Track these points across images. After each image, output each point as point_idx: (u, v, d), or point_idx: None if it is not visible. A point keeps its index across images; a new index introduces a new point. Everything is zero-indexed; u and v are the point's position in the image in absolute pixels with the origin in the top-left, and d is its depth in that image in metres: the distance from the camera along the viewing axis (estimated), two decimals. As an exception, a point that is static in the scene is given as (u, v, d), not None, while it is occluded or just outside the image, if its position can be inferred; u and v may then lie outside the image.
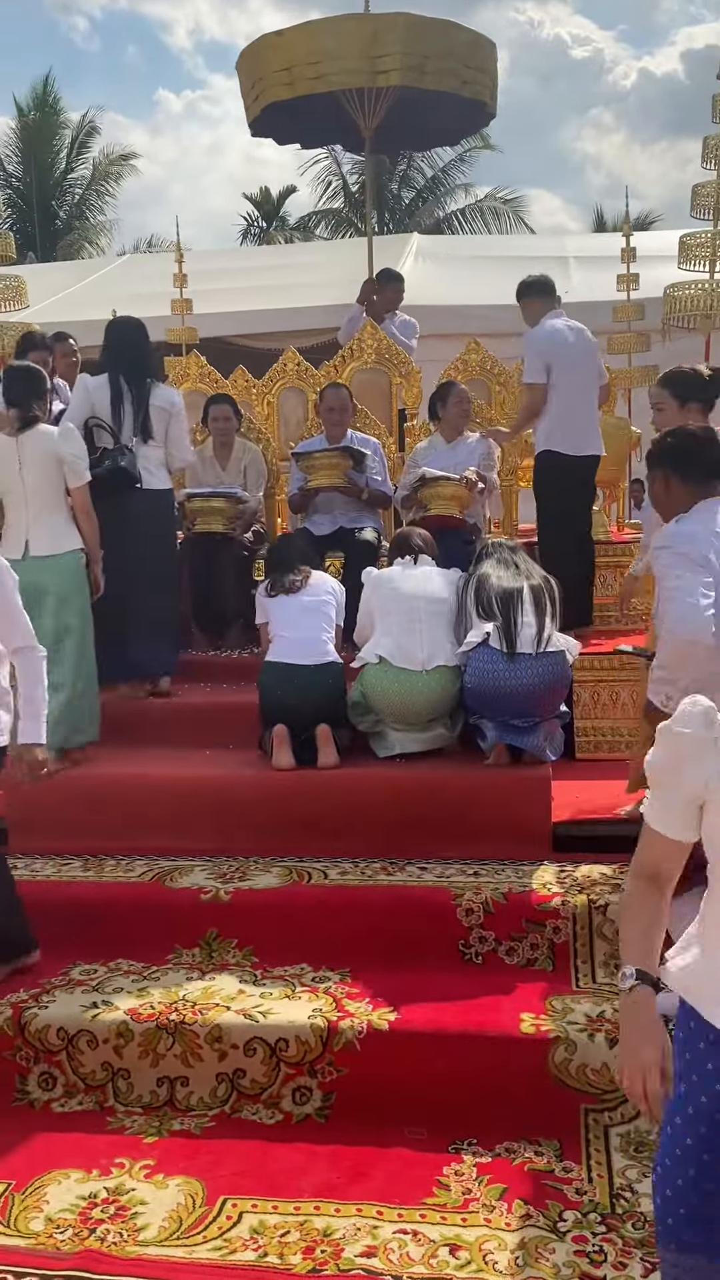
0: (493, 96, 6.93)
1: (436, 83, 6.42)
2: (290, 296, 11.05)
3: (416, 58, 6.32)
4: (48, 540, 4.54)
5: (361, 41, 6.30)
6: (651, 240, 11.38)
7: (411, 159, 21.46)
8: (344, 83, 6.49)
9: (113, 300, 9.96)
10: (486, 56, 6.81)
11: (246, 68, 7.02)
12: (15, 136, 22.18)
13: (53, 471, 4.53)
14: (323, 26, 6.57)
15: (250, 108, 7.06)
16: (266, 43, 6.78)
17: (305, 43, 6.49)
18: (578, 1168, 2.86)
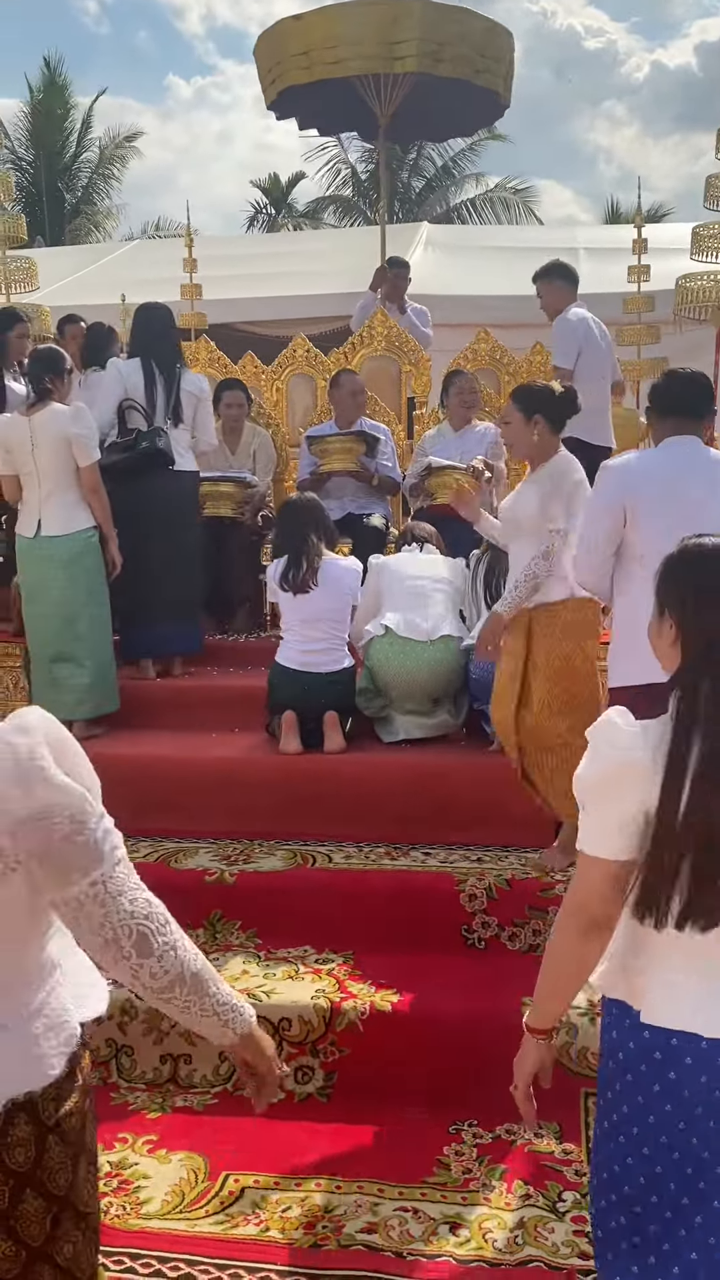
0: (507, 86, 6.92)
1: (452, 70, 6.42)
2: (299, 284, 11.03)
3: (432, 44, 6.31)
4: (60, 519, 4.61)
5: (379, 27, 6.30)
6: (663, 232, 11.32)
7: (421, 148, 21.39)
8: (361, 68, 6.49)
9: (122, 284, 9.96)
10: (503, 46, 6.79)
11: (265, 51, 7.02)
12: (25, 119, 22.14)
13: (64, 451, 4.56)
14: (341, 11, 6.57)
15: (268, 90, 7.06)
16: (285, 27, 6.77)
17: (323, 27, 6.49)
18: (577, 1149, 2.88)
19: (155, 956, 1.46)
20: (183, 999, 1.51)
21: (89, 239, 21.96)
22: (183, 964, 1.50)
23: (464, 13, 6.54)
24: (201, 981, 1.52)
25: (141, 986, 1.48)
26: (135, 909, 1.45)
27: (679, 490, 3.19)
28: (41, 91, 22.33)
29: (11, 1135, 1.46)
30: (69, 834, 1.40)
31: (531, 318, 7.92)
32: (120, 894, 1.44)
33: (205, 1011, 1.54)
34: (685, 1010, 1.65)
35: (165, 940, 1.48)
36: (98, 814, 1.44)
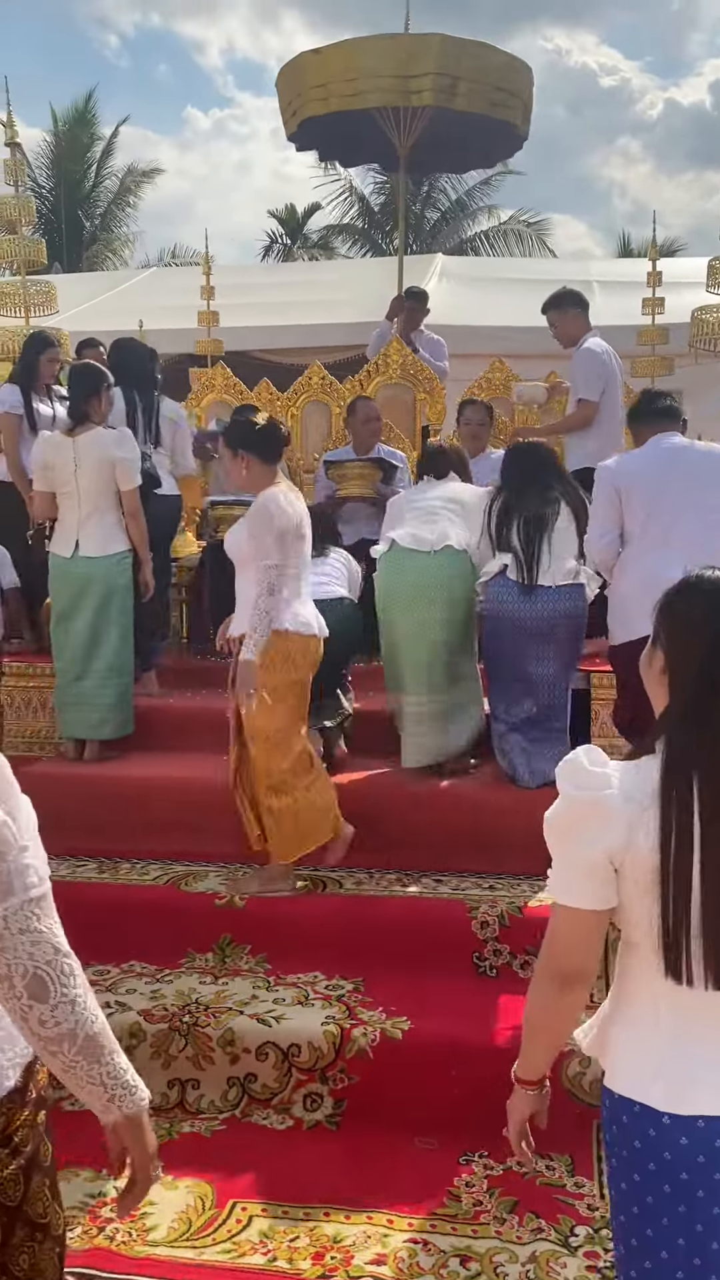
0: (526, 120, 6.99)
1: (469, 104, 6.49)
2: (315, 313, 11.12)
3: (449, 78, 6.39)
4: (97, 541, 4.67)
5: (397, 60, 6.38)
6: (676, 266, 11.39)
7: (435, 180, 21.59)
8: (379, 100, 6.57)
9: (140, 311, 10.05)
10: (521, 80, 6.87)
11: (285, 83, 7.12)
12: (48, 148, 22.43)
13: (106, 473, 4.63)
14: (360, 45, 6.66)
15: (288, 122, 7.15)
16: (305, 59, 6.87)
17: (343, 60, 6.58)
18: (590, 1183, 2.85)
19: (49, 1005, 1.40)
20: (69, 1057, 1.43)
21: (106, 266, 22.17)
22: (77, 1021, 1.42)
23: (482, 47, 6.62)
24: (96, 1046, 1.45)
25: (29, 1031, 1.42)
26: (37, 951, 1.39)
27: (661, 481, 3.87)
28: (68, 122, 22.64)
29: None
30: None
31: (545, 348, 7.95)
32: (24, 932, 1.38)
33: (92, 1079, 1.46)
34: (646, 1078, 1.58)
35: (64, 992, 1.41)
36: (18, 846, 1.39)
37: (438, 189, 22.63)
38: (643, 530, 3.90)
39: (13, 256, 6.50)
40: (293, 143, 7.44)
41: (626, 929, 1.61)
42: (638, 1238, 1.59)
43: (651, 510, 3.88)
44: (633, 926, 1.59)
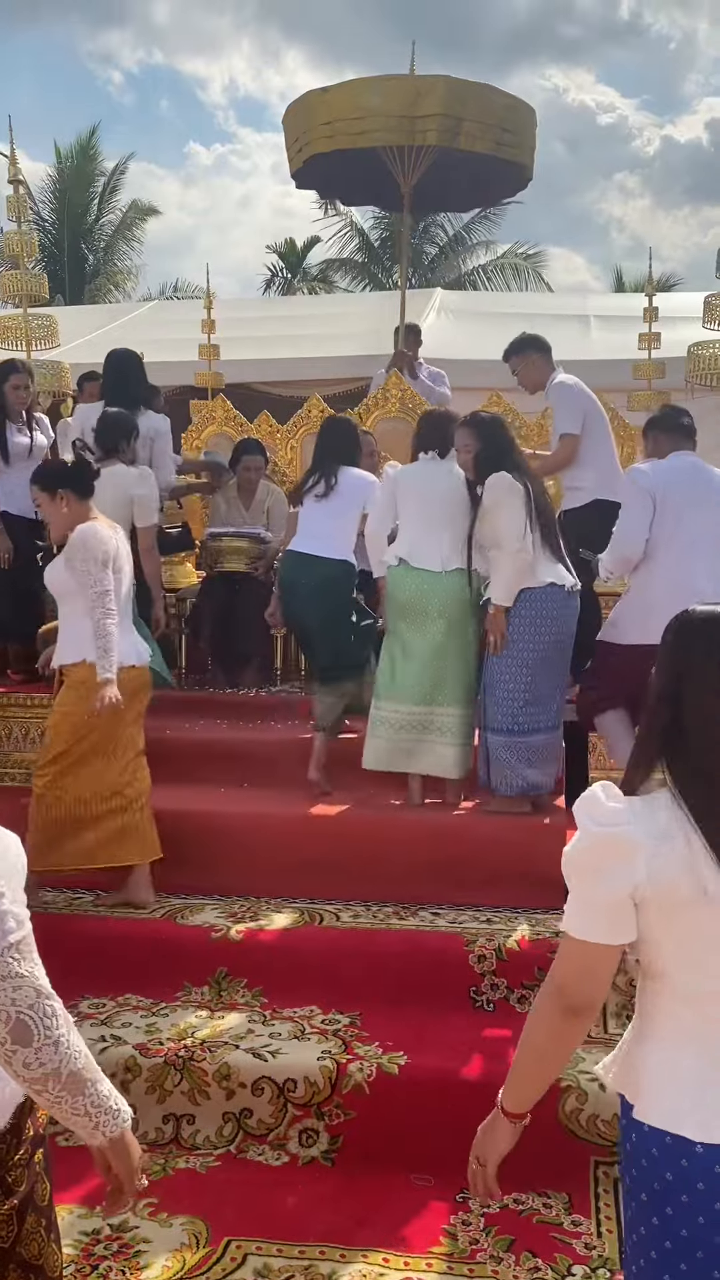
0: (530, 160, 7.09)
1: (472, 144, 6.59)
2: (315, 346, 11.21)
3: (454, 119, 6.49)
4: None
5: (403, 101, 6.49)
6: (672, 301, 11.49)
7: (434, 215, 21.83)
8: (384, 140, 6.67)
9: (142, 344, 10.08)
10: (525, 121, 6.97)
11: (292, 121, 7.22)
12: (51, 182, 22.69)
13: (124, 509, 4.78)
14: (367, 85, 6.78)
15: (293, 159, 7.25)
16: (313, 98, 6.98)
17: (349, 99, 6.69)
18: (587, 1221, 2.83)
19: (32, 1048, 1.41)
20: (54, 1094, 1.46)
21: (108, 299, 22.35)
22: (60, 1060, 1.44)
23: (486, 89, 6.72)
24: (79, 1081, 1.47)
25: (13, 1073, 1.43)
26: (19, 996, 1.40)
27: (691, 492, 4.19)
28: (72, 157, 22.91)
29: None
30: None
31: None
32: (5, 978, 1.39)
33: (76, 1110, 1.49)
34: (681, 1108, 1.55)
35: (47, 1035, 1.43)
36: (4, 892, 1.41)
37: (436, 224, 22.86)
38: (671, 537, 4.13)
39: (15, 290, 6.55)
40: (295, 180, 7.53)
41: (649, 959, 1.59)
42: (670, 1273, 1.56)
43: (681, 519, 4.13)
44: (656, 955, 1.57)
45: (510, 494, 4.17)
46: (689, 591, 4.16)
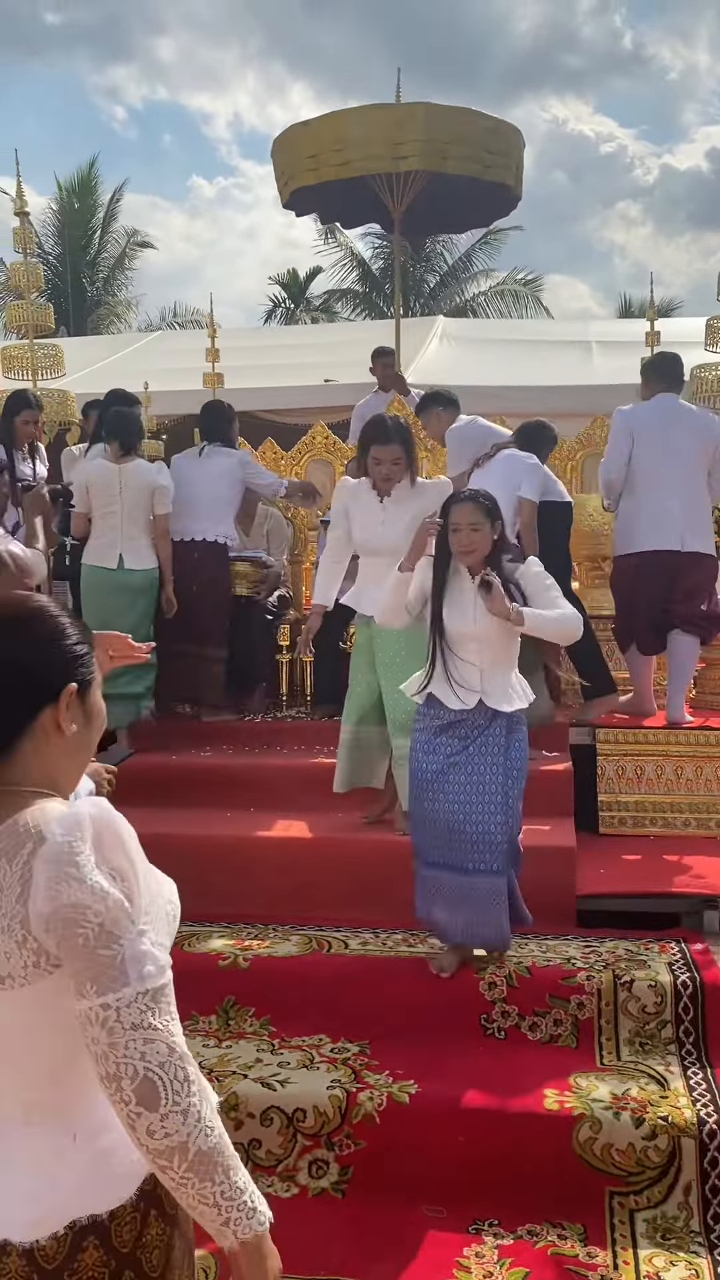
0: (517, 180, 7.15)
1: (458, 167, 6.66)
2: (318, 374, 11.27)
3: (437, 144, 6.56)
4: (139, 556, 5.46)
5: (384, 129, 6.56)
6: (675, 326, 11.55)
7: (434, 243, 22.00)
8: (367, 168, 6.75)
9: (145, 373, 10.18)
10: (510, 142, 7.03)
11: (278, 154, 7.32)
12: (54, 215, 22.94)
13: (146, 498, 5.42)
14: (347, 116, 6.86)
15: (282, 190, 7.34)
16: (295, 132, 7.07)
17: (331, 131, 6.77)
18: (602, 1253, 2.77)
19: (158, 1114, 1.25)
20: (180, 1174, 1.27)
21: (110, 328, 22.54)
22: (189, 1133, 1.26)
23: (468, 113, 6.79)
24: (209, 1163, 1.28)
25: (136, 1139, 1.28)
26: (150, 1050, 1.26)
27: (666, 430, 5.12)
28: (74, 191, 23.17)
29: (79, 1263, 1.31)
30: (93, 944, 1.26)
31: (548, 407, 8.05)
32: (136, 1028, 1.25)
33: (205, 1199, 1.28)
34: None
35: (176, 1100, 1.26)
36: (136, 930, 1.28)
37: (436, 253, 23.04)
38: (648, 467, 5.10)
39: (21, 321, 6.60)
40: (290, 209, 7.62)
41: None
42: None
43: (657, 451, 5.09)
44: None
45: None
46: (661, 511, 5.16)
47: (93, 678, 1.45)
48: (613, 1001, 3.50)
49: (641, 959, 3.67)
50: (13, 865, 1.29)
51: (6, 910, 1.27)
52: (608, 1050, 3.42)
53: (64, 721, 1.39)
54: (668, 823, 4.85)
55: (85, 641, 1.45)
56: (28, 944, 1.27)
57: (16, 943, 1.27)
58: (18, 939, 1.27)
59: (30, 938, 1.27)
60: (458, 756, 3.50)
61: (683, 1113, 3.03)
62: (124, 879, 1.29)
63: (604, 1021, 3.48)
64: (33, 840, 1.29)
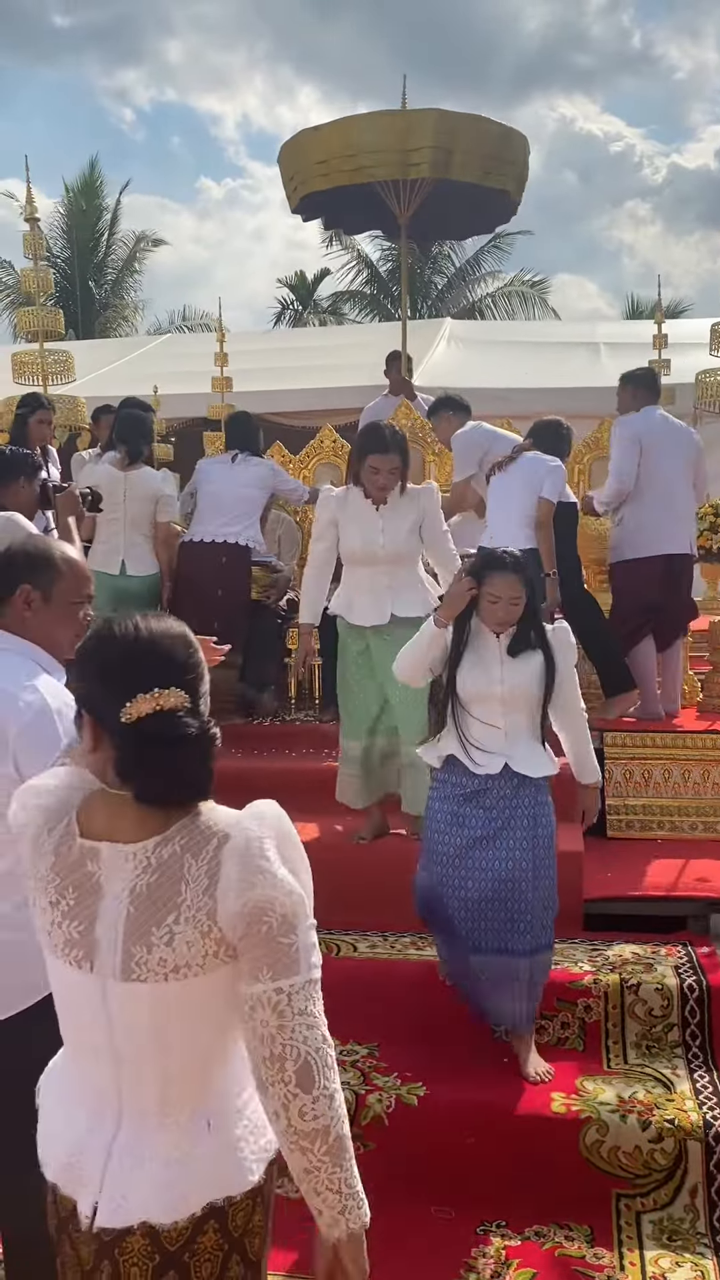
0: (519, 187, 7.17)
1: (468, 174, 6.67)
2: (326, 377, 11.30)
3: (446, 151, 6.57)
4: (141, 561, 5.54)
5: (394, 136, 6.57)
6: (683, 327, 11.58)
7: (442, 245, 22.01)
8: (377, 175, 6.76)
9: (154, 377, 10.24)
10: (516, 149, 7.04)
11: (286, 160, 7.33)
12: (61, 219, 23.01)
13: (148, 508, 5.48)
14: (359, 122, 6.87)
15: (291, 196, 7.36)
16: (306, 137, 7.08)
17: (341, 137, 6.78)
18: (609, 1254, 2.80)
19: (311, 1096, 1.36)
20: (318, 1156, 1.37)
21: (118, 331, 22.61)
22: (332, 1119, 1.38)
23: (477, 119, 6.80)
24: (343, 1149, 1.39)
25: (285, 1122, 1.37)
26: (311, 1036, 1.37)
27: (666, 440, 5.36)
28: (80, 194, 23.23)
29: (198, 1245, 1.41)
30: (276, 933, 1.36)
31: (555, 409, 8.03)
32: (302, 1014, 1.37)
33: (332, 1185, 1.38)
34: None
35: (326, 1084, 1.38)
36: (309, 922, 1.40)
37: (444, 255, 23.06)
38: (653, 473, 5.29)
39: (32, 326, 6.65)
40: (297, 214, 7.65)
41: None
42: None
43: (664, 461, 5.31)
44: None
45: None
46: (675, 517, 5.42)
47: (206, 689, 1.52)
48: (619, 1005, 3.52)
49: (648, 962, 3.69)
50: (199, 860, 1.39)
51: (193, 902, 1.37)
52: (615, 1053, 3.45)
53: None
54: (675, 826, 4.87)
55: (197, 651, 1.52)
56: (211, 934, 1.37)
57: (201, 933, 1.37)
58: (203, 929, 1.37)
59: (215, 928, 1.37)
60: (481, 831, 3.24)
61: (689, 1116, 3.05)
62: (298, 873, 1.41)
63: (611, 1025, 3.50)
64: (217, 837, 1.40)
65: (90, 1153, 1.45)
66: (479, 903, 3.22)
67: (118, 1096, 1.46)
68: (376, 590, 4.22)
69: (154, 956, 1.38)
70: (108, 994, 1.42)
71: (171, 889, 1.38)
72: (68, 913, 1.43)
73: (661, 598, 5.39)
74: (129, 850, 1.42)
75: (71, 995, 1.48)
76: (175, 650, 1.47)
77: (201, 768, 1.45)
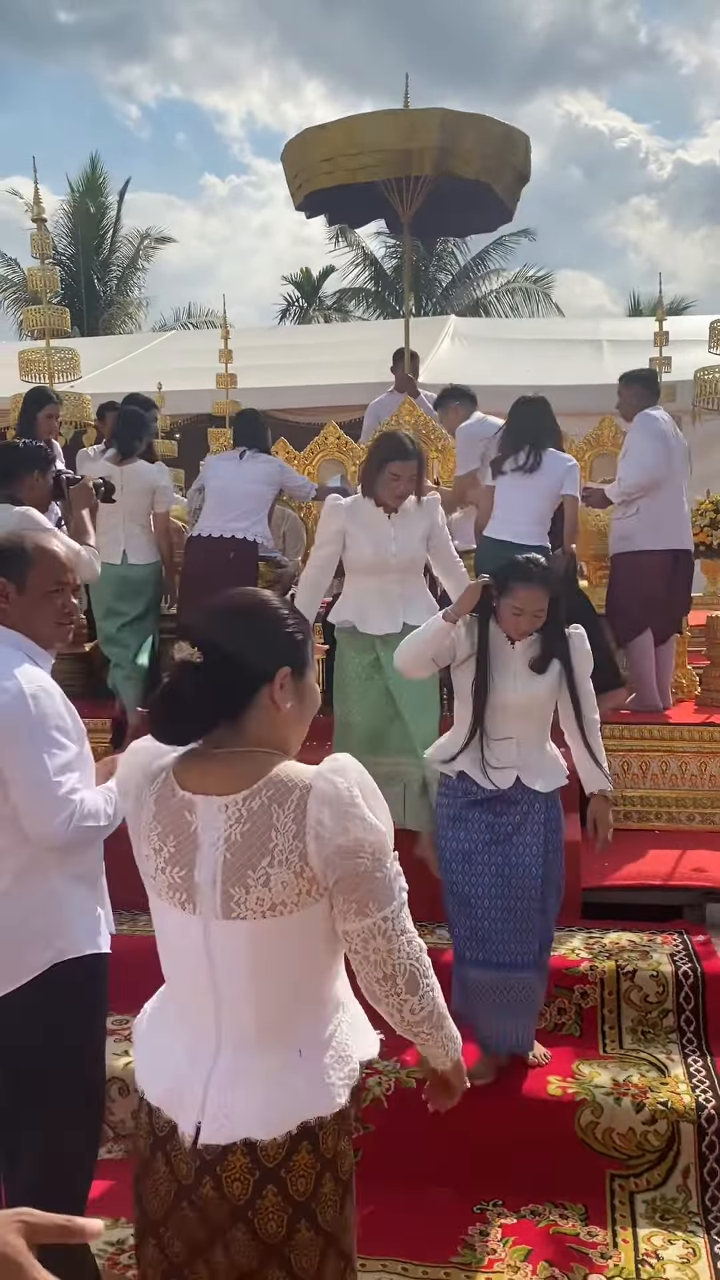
0: (522, 185, 7.24)
1: (471, 173, 6.72)
2: (330, 374, 11.37)
3: (449, 150, 6.62)
4: (141, 551, 5.68)
5: (399, 135, 6.62)
6: (687, 324, 11.62)
7: (447, 243, 22.05)
8: (381, 173, 6.82)
9: (159, 374, 10.32)
10: (518, 149, 7.10)
11: (291, 157, 7.38)
12: (66, 216, 23.08)
13: (145, 500, 5.63)
14: (363, 121, 6.92)
15: (295, 193, 7.41)
16: (311, 135, 7.13)
17: (346, 135, 6.83)
18: (603, 1232, 2.87)
19: (418, 995, 1.60)
20: (427, 1032, 1.66)
21: (122, 329, 22.69)
22: (434, 1003, 1.64)
23: (480, 119, 6.85)
24: (442, 1018, 1.67)
25: (400, 1020, 1.62)
26: (411, 949, 1.59)
27: (677, 437, 5.58)
28: (83, 191, 23.29)
29: (293, 1163, 1.56)
30: (371, 869, 1.54)
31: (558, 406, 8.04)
32: (403, 933, 1.58)
33: (438, 1042, 1.70)
34: None
35: (427, 982, 1.62)
36: (393, 855, 1.59)
37: (449, 252, 23.09)
38: (674, 470, 5.48)
39: (38, 325, 6.72)
40: (301, 211, 7.71)
41: None
42: None
43: (676, 457, 5.50)
44: None
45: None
46: (685, 512, 5.63)
47: (307, 665, 1.68)
48: (615, 991, 3.59)
49: (644, 950, 3.75)
50: (284, 809, 1.54)
51: (284, 846, 1.53)
52: (610, 1038, 3.51)
53: (279, 698, 1.62)
54: (672, 817, 4.93)
55: (302, 630, 1.68)
56: (304, 874, 1.53)
57: (294, 873, 1.53)
58: (296, 870, 1.53)
59: (308, 869, 1.53)
60: (489, 836, 3.18)
61: (682, 1098, 3.12)
62: (380, 815, 1.57)
63: (607, 1010, 3.57)
64: (299, 788, 1.55)
65: (192, 1078, 1.60)
66: (485, 909, 3.18)
67: (217, 1027, 1.61)
68: (389, 599, 4.23)
69: (251, 896, 1.53)
70: (209, 933, 1.58)
71: (263, 836, 1.53)
72: (169, 859, 1.60)
73: (665, 592, 5.47)
74: (222, 802, 1.57)
75: (175, 936, 1.64)
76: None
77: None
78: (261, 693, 1.62)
